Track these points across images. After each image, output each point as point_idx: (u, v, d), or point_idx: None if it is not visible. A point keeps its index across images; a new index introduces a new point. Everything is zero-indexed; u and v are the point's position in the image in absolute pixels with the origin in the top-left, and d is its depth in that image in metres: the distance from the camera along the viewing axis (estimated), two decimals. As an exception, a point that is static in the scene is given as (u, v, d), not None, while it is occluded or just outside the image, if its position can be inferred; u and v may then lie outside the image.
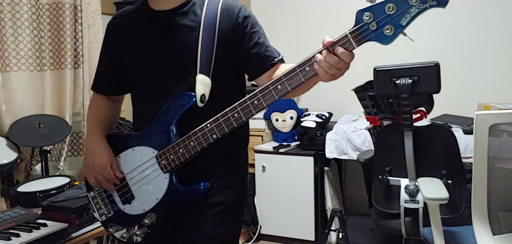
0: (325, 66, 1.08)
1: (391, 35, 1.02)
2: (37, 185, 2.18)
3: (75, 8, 2.92)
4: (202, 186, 1.28)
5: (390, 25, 1.02)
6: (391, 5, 1.01)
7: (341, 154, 3.07)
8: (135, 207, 1.34)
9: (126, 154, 1.36)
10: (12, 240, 1.53)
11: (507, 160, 1.54)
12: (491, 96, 2.95)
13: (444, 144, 2.10)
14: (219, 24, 1.28)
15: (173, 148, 1.27)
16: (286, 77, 1.13)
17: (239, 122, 1.20)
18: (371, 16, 1.03)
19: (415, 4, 0.99)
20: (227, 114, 1.20)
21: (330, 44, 1.08)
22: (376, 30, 1.03)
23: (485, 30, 3.13)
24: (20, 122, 2.56)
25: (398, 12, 1.01)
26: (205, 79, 1.27)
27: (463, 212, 2.00)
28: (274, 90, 1.15)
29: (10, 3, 2.61)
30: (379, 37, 1.03)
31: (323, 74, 1.10)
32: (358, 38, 1.05)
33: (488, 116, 1.49)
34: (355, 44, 1.06)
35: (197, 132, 1.24)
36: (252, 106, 1.18)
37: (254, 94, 1.17)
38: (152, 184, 1.31)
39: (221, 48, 1.28)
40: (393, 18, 1.01)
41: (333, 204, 3.28)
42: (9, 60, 2.62)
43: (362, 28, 1.04)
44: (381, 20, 1.02)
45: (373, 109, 2.40)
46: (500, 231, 1.55)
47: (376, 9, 1.02)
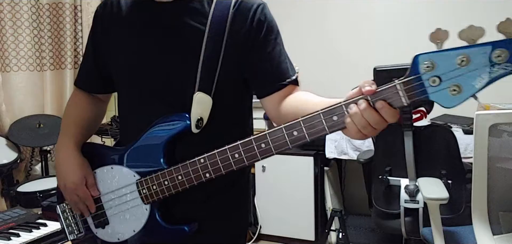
0: (360, 124, 0.80)
1: (457, 97, 0.75)
2: (37, 185, 2.19)
3: (75, 8, 2.92)
4: (188, 228, 1.04)
5: (459, 85, 0.74)
6: (464, 57, 0.73)
7: (341, 154, 3.07)
8: (109, 234, 1.12)
9: (103, 171, 1.12)
10: (12, 240, 1.53)
11: (507, 160, 1.54)
12: (491, 96, 2.94)
13: (444, 144, 2.10)
14: (230, 29, 1.01)
15: (157, 178, 1.02)
16: (306, 123, 0.86)
17: (240, 166, 0.94)
18: (433, 67, 0.75)
19: (501, 63, 0.71)
20: (226, 153, 0.94)
21: (371, 93, 0.79)
22: (437, 87, 0.75)
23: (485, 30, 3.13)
24: (20, 122, 2.56)
25: (473, 68, 0.73)
26: (205, 99, 1.01)
27: (463, 212, 2.00)
28: (288, 136, 0.88)
29: (10, 3, 2.61)
30: (439, 96, 0.76)
31: (355, 132, 0.82)
32: (411, 93, 0.77)
33: (488, 116, 1.49)
34: (405, 100, 0.78)
35: (188, 166, 0.98)
36: (258, 150, 0.91)
37: (263, 136, 0.90)
38: (130, 212, 1.08)
39: (229, 60, 1.02)
40: (464, 75, 0.74)
41: (333, 204, 3.28)
42: (9, 60, 2.62)
43: (418, 80, 0.77)
44: (446, 75, 0.74)
45: (373, 109, 2.40)
46: (500, 231, 1.55)
47: (442, 58, 0.74)
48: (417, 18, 3.30)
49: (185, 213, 1.07)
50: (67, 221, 1.20)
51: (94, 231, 1.15)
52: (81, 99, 1.24)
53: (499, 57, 0.70)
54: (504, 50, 0.70)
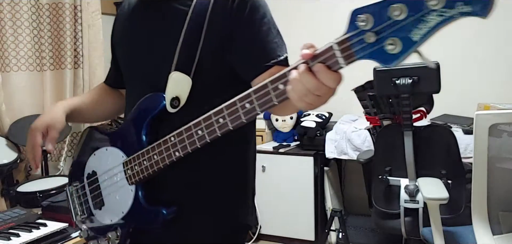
0: (301, 91, 0.75)
1: (396, 54, 0.66)
2: (37, 185, 2.19)
3: (75, 8, 2.92)
4: (165, 211, 1.02)
5: (396, 39, 0.66)
6: (399, 6, 0.64)
7: (341, 154, 3.07)
8: (104, 216, 1.14)
9: (100, 152, 1.16)
10: (12, 240, 1.53)
11: (507, 160, 1.54)
12: (491, 96, 2.95)
13: (444, 144, 2.10)
14: (212, 11, 1.00)
15: (138, 158, 1.04)
16: (256, 94, 0.83)
17: (202, 142, 0.93)
18: (368, 21, 0.67)
19: (437, 8, 0.61)
20: (191, 129, 0.93)
21: (309, 57, 0.74)
22: (374, 44, 0.67)
23: (485, 30, 3.13)
24: (20, 122, 2.56)
25: (409, 18, 0.64)
26: (183, 78, 1.00)
27: (463, 212, 2.00)
28: (241, 109, 0.85)
29: (10, 3, 2.61)
30: (377, 54, 0.68)
31: (296, 100, 0.77)
32: (348, 53, 0.70)
33: (488, 116, 1.49)
34: (343, 61, 0.71)
35: (161, 144, 0.99)
36: (217, 125, 0.90)
37: (220, 111, 0.89)
38: (119, 194, 1.09)
39: (210, 41, 1.01)
40: (402, 27, 0.65)
41: (333, 204, 3.28)
42: (9, 60, 2.62)
43: (355, 37, 0.68)
44: (382, 29, 0.66)
45: (373, 109, 2.40)
46: (500, 231, 1.55)
47: (377, 11, 0.66)
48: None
49: (170, 198, 1.05)
50: (73, 203, 1.23)
51: (93, 212, 1.17)
52: (100, 88, 1.35)
53: (435, 3, 0.61)
54: None
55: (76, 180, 1.22)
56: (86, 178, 1.19)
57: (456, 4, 0.59)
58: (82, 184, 1.20)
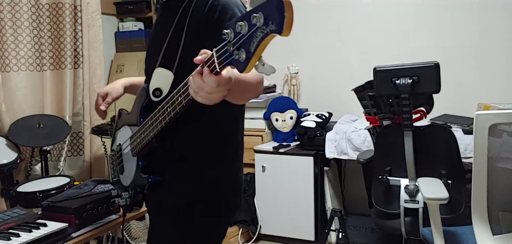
0: (193, 89, 0.94)
1: (243, 62, 0.79)
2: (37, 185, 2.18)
3: (75, 8, 2.92)
4: (151, 179, 1.26)
5: (243, 49, 0.80)
6: (241, 24, 0.79)
7: (341, 154, 3.07)
8: (124, 179, 1.42)
9: (123, 129, 1.44)
10: (12, 240, 1.53)
11: (507, 160, 1.54)
12: (491, 96, 2.95)
13: (444, 144, 2.10)
14: (190, 16, 1.19)
15: (135, 135, 1.28)
16: (183, 87, 1.02)
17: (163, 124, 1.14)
18: (229, 35, 0.82)
19: (260, 26, 0.76)
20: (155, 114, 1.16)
21: (200, 62, 0.92)
22: (232, 53, 0.82)
23: (486, 30, 3.13)
24: (20, 122, 2.56)
25: (247, 34, 0.78)
26: (164, 73, 1.20)
27: (463, 212, 2.00)
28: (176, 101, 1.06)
29: (10, 3, 2.61)
30: (234, 61, 0.82)
31: (194, 96, 0.95)
32: (220, 60, 0.86)
33: (488, 116, 1.49)
34: (218, 66, 0.86)
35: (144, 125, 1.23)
36: (166, 113, 1.11)
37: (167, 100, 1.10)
38: (129, 163, 1.37)
39: (190, 41, 1.18)
40: (244, 40, 0.79)
41: (333, 204, 3.28)
42: (9, 60, 2.62)
43: (224, 47, 0.84)
44: (236, 41, 0.81)
45: (373, 109, 2.40)
46: (500, 231, 1.56)
47: (233, 26, 0.81)
48: (417, 18, 3.30)
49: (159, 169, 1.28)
50: (110, 166, 1.56)
51: (120, 176, 1.45)
52: None
53: (257, 20, 0.75)
54: (259, 14, 0.75)
55: (113, 149, 1.53)
56: (115, 147, 1.49)
57: (268, 23, 0.73)
58: (113, 152, 1.52)
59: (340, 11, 3.58)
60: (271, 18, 0.73)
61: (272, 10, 0.73)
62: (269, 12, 0.73)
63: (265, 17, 0.74)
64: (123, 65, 3.57)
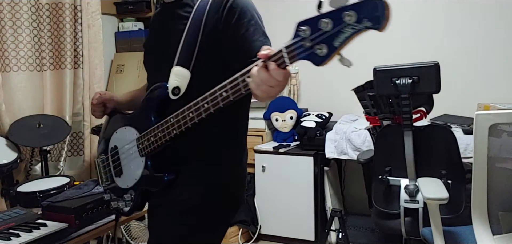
0: (256, 82, 0.98)
1: (323, 56, 0.86)
2: (37, 185, 2.18)
3: (75, 8, 2.92)
4: (166, 176, 1.28)
5: (324, 44, 0.86)
6: (327, 21, 0.84)
7: (341, 154, 3.07)
8: (122, 182, 1.41)
9: (121, 131, 1.42)
10: (12, 240, 1.53)
11: (507, 160, 1.54)
12: (491, 96, 2.95)
13: (444, 144, 2.10)
14: (206, 16, 1.23)
15: (147, 134, 1.28)
16: (230, 84, 1.06)
17: (192, 122, 1.17)
18: (306, 31, 0.88)
19: (351, 23, 0.82)
20: (184, 112, 1.18)
21: (264, 57, 0.96)
22: (309, 49, 0.88)
23: (485, 30, 3.13)
24: (20, 122, 2.56)
25: (333, 30, 0.84)
26: (182, 72, 1.23)
27: (463, 212, 2.00)
28: (220, 97, 1.09)
29: (10, 3, 2.61)
30: (311, 56, 0.88)
31: (254, 89, 1.00)
32: (291, 55, 0.91)
33: (488, 116, 1.49)
34: (288, 61, 0.92)
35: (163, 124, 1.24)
36: (203, 109, 1.14)
37: (204, 98, 1.12)
38: (133, 164, 1.36)
39: (206, 42, 1.23)
40: (328, 36, 0.85)
41: (333, 204, 3.28)
42: (9, 60, 2.62)
43: (297, 43, 0.89)
44: (316, 37, 0.86)
45: (373, 109, 2.40)
46: (500, 231, 1.56)
47: (312, 24, 0.87)
48: (417, 18, 3.30)
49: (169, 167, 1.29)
50: (100, 173, 1.51)
51: (115, 179, 1.43)
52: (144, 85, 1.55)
53: (350, 18, 0.81)
54: (353, 12, 0.81)
55: (103, 153, 1.49)
56: (109, 151, 1.45)
57: (362, 21, 0.81)
58: (107, 156, 1.46)
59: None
60: (368, 16, 0.80)
61: (370, 8, 0.80)
62: (366, 11, 0.80)
63: (359, 15, 0.81)
64: (123, 65, 3.57)
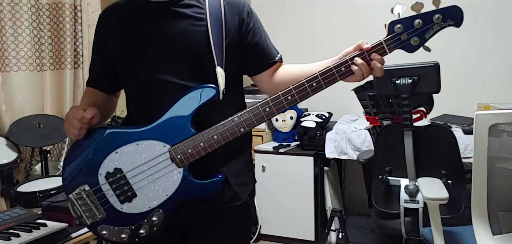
0: (364, 70, 1.17)
1: (416, 46, 1.19)
2: (37, 185, 2.19)
3: (75, 8, 2.92)
4: (221, 177, 1.23)
5: (417, 38, 1.18)
6: (419, 21, 1.17)
7: (341, 154, 3.07)
8: (138, 206, 1.24)
9: (126, 149, 1.23)
10: (12, 240, 1.53)
11: (507, 160, 1.54)
12: (491, 96, 2.95)
13: (444, 144, 2.10)
14: (225, 18, 1.26)
15: (191, 142, 1.19)
16: (322, 75, 1.18)
17: (270, 116, 1.20)
18: (402, 28, 1.17)
19: (437, 23, 1.16)
20: (258, 108, 1.18)
21: (368, 49, 1.18)
22: (405, 41, 1.18)
23: (485, 30, 3.13)
24: (20, 122, 2.56)
25: (424, 27, 1.17)
26: (222, 72, 1.23)
27: (463, 212, 2.00)
28: (309, 88, 1.19)
29: (10, 3, 2.61)
30: (406, 46, 1.19)
31: (360, 77, 1.18)
32: (390, 46, 1.19)
33: (488, 116, 1.50)
34: (388, 51, 1.19)
35: (222, 125, 1.19)
36: (286, 102, 1.19)
37: (289, 90, 1.18)
38: (163, 180, 1.22)
39: (229, 42, 1.26)
40: (420, 31, 1.17)
41: (333, 204, 3.28)
42: (9, 60, 2.62)
43: (394, 37, 1.19)
44: (410, 32, 1.18)
45: (373, 109, 2.40)
46: (500, 231, 1.56)
47: (406, 22, 1.17)
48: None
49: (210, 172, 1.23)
50: (84, 207, 1.24)
51: (119, 208, 1.24)
52: (92, 92, 1.40)
53: (438, 19, 1.15)
54: (439, 15, 1.15)
55: (83, 183, 1.24)
56: (104, 177, 1.23)
57: (447, 20, 1.16)
58: (97, 186, 1.23)
59: (341, 10, 3.58)
60: (451, 17, 1.15)
61: (452, 13, 1.15)
62: (449, 14, 1.15)
63: (443, 17, 1.15)
64: (123, 65, 3.57)
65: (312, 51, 3.67)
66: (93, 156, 1.23)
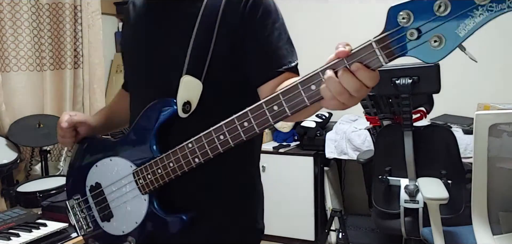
0: (335, 90, 0.72)
1: (440, 50, 0.65)
2: (37, 185, 2.18)
3: (75, 8, 2.92)
4: (186, 217, 1.01)
5: (440, 35, 0.64)
6: (443, 2, 0.62)
7: (341, 154, 3.07)
8: (114, 227, 1.11)
9: (103, 163, 1.11)
10: (12, 240, 1.53)
11: (507, 160, 1.54)
12: (491, 96, 2.95)
13: (444, 144, 2.10)
14: (223, 12, 0.98)
15: (151, 167, 1.00)
16: (285, 96, 0.79)
17: (226, 147, 0.90)
18: (409, 18, 0.66)
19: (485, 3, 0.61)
20: (211, 135, 0.90)
21: (346, 55, 0.72)
22: (417, 40, 0.66)
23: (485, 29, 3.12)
24: (20, 122, 2.56)
25: (455, 14, 0.63)
26: (193, 82, 0.97)
27: (463, 212, 2.00)
28: (268, 112, 0.82)
29: (10, 3, 2.61)
30: (421, 51, 0.66)
31: (330, 99, 0.74)
32: (389, 50, 0.68)
33: (488, 116, 1.50)
34: (383, 59, 0.69)
35: (177, 152, 0.95)
36: (242, 129, 0.86)
37: (244, 114, 0.85)
38: (131, 204, 1.06)
39: (222, 43, 0.98)
40: (446, 23, 0.64)
41: (333, 204, 3.28)
42: (9, 60, 2.62)
43: (396, 35, 0.67)
44: (425, 25, 0.65)
45: (373, 109, 2.40)
46: (500, 231, 1.55)
47: (419, 7, 0.65)
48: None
49: (186, 203, 1.04)
50: (76, 217, 1.19)
51: (101, 225, 1.13)
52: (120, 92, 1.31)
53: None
54: None
55: (77, 192, 1.18)
56: (88, 190, 1.15)
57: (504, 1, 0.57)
58: (85, 197, 1.16)
59: (341, 9, 3.58)
60: None
61: None
62: None
63: None
64: (123, 65, 3.57)
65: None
66: (83, 166, 1.17)
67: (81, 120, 1.18)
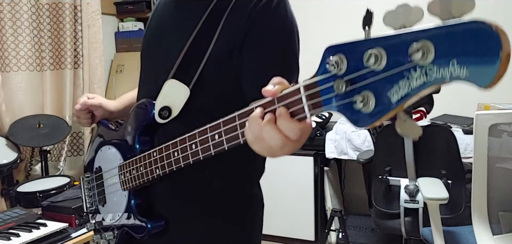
0: (254, 132, 0.61)
1: (367, 115, 0.49)
2: (37, 185, 2.19)
3: (75, 8, 2.92)
4: (150, 225, 0.95)
5: (367, 95, 0.49)
6: (376, 52, 0.47)
7: (341, 153, 3.07)
8: (106, 213, 1.12)
9: (104, 150, 1.11)
10: (12, 240, 1.53)
11: (507, 160, 1.54)
12: (491, 96, 2.95)
13: (444, 144, 2.10)
14: (229, 14, 0.88)
15: (130, 165, 0.97)
16: (225, 126, 0.70)
17: (177, 166, 0.83)
18: (340, 64, 0.51)
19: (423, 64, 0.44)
20: (169, 149, 0.84)
21: (272, 95, 0.60)
22: (343, 95, 0.52)
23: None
24: (20, 122, 2.56)
25: (387, 71, 0.47)
26: (178, 88, 0.90)
27: (463, 212, 2.00)
28: (211, 139, 0.73)
29: (10, 3, 2.61)
30: (348, 109, 0.51)
31: (251, 142, 0.63)
32: (314, 102, 0.55)
33: (488, 116, 1.50)
34: (308, 110, 0.56)
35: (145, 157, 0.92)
36: (190, 151, 0.79)
37: (193, 136, 0.78)
38: (116, 196, 1.05)
39: (218, 52, 0.88)
40: (377, 80, 0.48)
41: (333, 204, 3.28)
42: (9, 60, 2.62)
43: (325, 82, 0.54)
44: (355, 78, 0.50)
45: (373, 109, 2.40)
46: (500, 231, 1.56)
47: (353, 52, 0.51)
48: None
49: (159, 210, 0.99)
50: (84, 194, 1.20)
51: (99, 209, 1.14)
52: None
53: (420, 54, 0.43)
54: (428, 43, 0.42)
55: (88, 171, 1.19)
56: (94, 172, 1.15)
57: (449, 63, 0.42)
58: (92, 176, 1.16)
59: (341, 8, 3.58)
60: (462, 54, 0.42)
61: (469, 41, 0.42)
62: (460, 45, 0.42)
63: (439, 51, 0.42)
64: (123, 65, 3.57)
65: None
66: (93, 149, 1.18)
67: (96, 104, 1.18)
